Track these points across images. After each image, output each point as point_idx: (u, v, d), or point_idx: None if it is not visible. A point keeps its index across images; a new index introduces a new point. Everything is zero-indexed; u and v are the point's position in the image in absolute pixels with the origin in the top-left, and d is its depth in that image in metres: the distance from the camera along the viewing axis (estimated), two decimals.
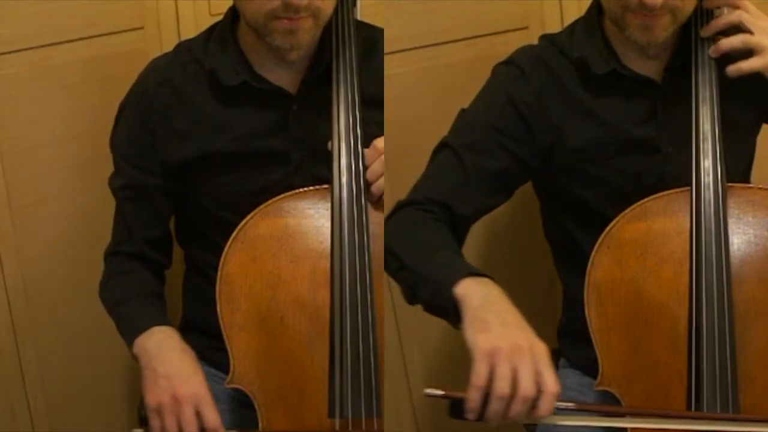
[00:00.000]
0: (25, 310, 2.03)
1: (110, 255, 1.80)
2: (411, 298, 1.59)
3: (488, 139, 1.68)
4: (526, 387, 1.37)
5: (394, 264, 1.60)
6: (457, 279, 1.47)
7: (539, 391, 1.38)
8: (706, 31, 1.63)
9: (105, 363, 2.11)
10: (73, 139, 2.01)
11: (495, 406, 1.37)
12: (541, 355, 1.40)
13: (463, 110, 1.74)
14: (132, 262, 1.77)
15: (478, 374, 1.37)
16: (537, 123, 1.68)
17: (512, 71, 1.72)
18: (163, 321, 1.66)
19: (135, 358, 1.64)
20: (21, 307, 2.02)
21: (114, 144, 1.78)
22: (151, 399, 1.56)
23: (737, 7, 1.62)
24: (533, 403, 1.38)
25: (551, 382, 1.39)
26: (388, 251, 1.61)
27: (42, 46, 1.96)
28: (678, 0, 1.58)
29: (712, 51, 1.62)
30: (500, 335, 1.39)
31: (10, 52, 1.94)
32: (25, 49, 1.95)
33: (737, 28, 1.62)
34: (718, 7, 1.65)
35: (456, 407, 1.40)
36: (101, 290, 1.79)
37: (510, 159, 1.68)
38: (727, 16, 1.62)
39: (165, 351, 1.60)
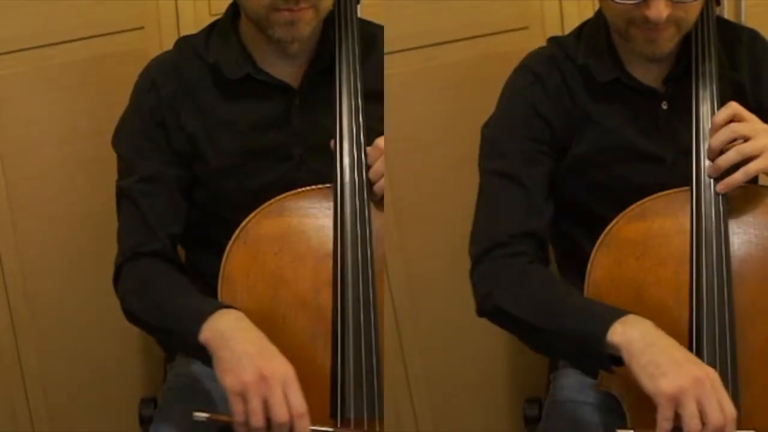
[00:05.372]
0: (25, 310, 2.03)
1: (128, 261, 1.65)
2: (550, 354, 1.60)
3: (527, 149, 1.66)
4: (715, 417, 1.39)
5: (516, 328, 1.57)
6: (607, 327, 1.45)
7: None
8: (710, 153, 1.57)
9: (105, 363, 2.11)
10: (74, 139, 2.01)
11: None
12: (717, 382, 1.42)
13: (486, 127, 1.71)
14: (161, 263, 1.64)
15: (666, 418, 1.39)
16: (557, 123, 1.68)
17: (527, 78, 1.71)
18: (228, 306, 1.53)
19: (196, 351, 1.50)
20: (21, 307, 2.02)
21: (120, 141, 1.72)
22: (232, 380, 1.43)
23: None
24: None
25: (730, 408, 1.41)
26: (503, 315, 1.56)
27: (42, 46, 1.96)
28: (681, 11, 1.57)
29: (712, 172, 1.56)
30: (678, 375, 1.40)
31: (10, 52, 1.94)
32: (25, 49, 1.95)
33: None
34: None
35: None
36: (129, 298, 1.62)
37: (551, 162, 1.68)
38: (720, 135, 1.55)
39: (242, 330, 1.48)
